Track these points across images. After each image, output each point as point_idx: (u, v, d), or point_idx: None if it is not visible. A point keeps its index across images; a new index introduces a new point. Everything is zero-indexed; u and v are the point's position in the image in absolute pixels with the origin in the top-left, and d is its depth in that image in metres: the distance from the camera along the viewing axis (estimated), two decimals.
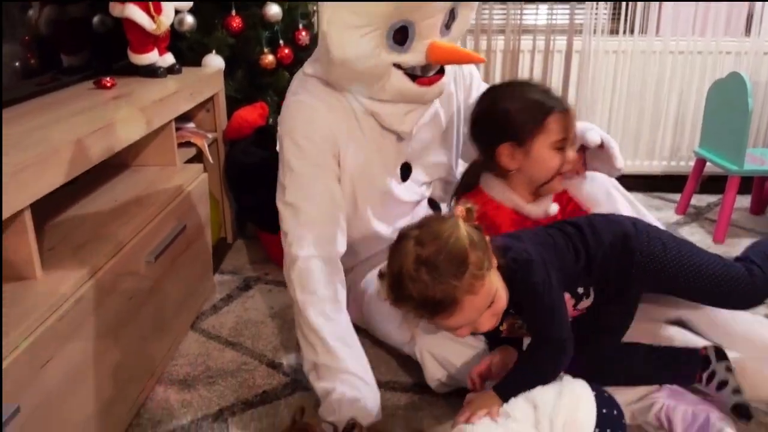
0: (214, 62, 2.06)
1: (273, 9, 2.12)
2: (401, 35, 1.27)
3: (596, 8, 2.50)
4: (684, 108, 2.62)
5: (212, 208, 1.99)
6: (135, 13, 1.76)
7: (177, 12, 1.96)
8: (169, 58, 1.90)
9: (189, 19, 2.05)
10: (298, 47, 2.21)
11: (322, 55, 1.32)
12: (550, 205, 1.42)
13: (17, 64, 1.49)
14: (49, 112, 1.41)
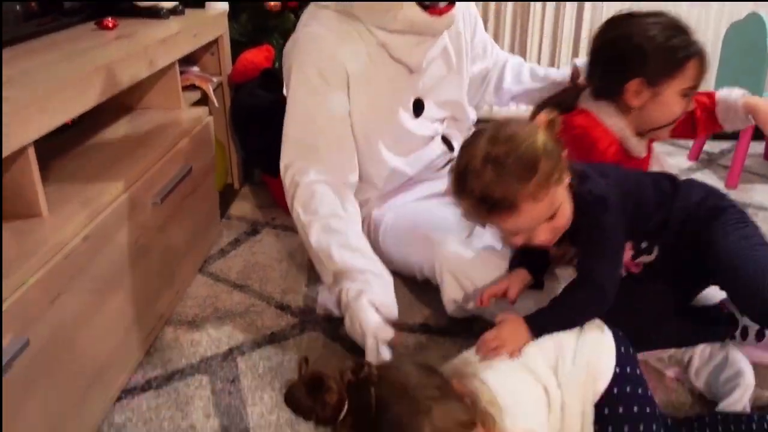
0: (218, 4, 2.02)
1: None
2: None
3: None
4: None
5: (218, 154, 1.98)
6: None
7: None
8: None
9: None
10: None
11: None
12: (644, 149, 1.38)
13: (18, 7, 1.46)
14: (51, 52, 1.38)
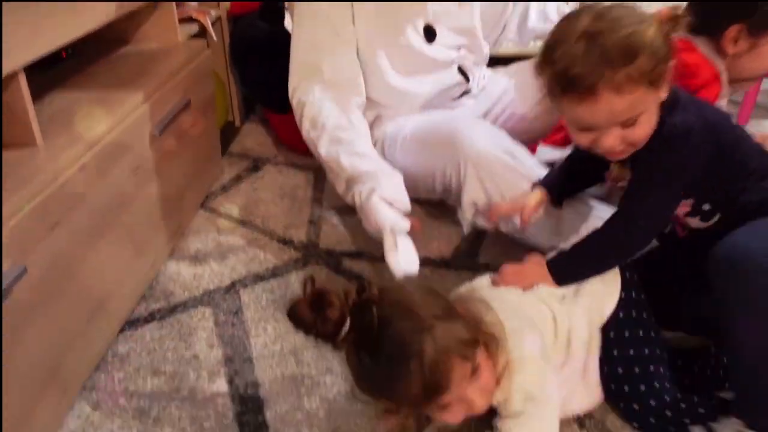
0: None
1: None
2: None
3: None
4: None
5: (218, 91, 1.94)
6: None
7: None
8: None
9: None
10: None
11: None
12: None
13: None
14: None
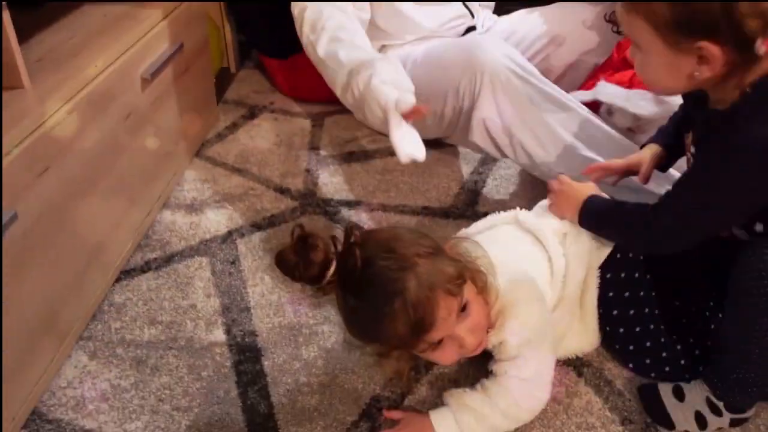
0: None
1: None
2: None
3: None
4: None
5: (213, 36, 1.88)
6: None
7: None
8: None
9: None
10: None
11: None
12: None
13: None
14: None
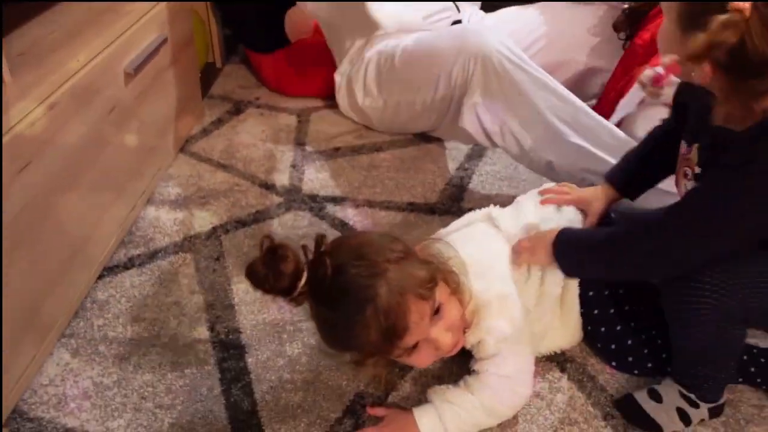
0: None
1: None
2: None
3: None
4: None
5: (198, 30, 1.86)
6: None
7: None
8: None
9: None
10: None
11: None
12: None
13: None
14: None
